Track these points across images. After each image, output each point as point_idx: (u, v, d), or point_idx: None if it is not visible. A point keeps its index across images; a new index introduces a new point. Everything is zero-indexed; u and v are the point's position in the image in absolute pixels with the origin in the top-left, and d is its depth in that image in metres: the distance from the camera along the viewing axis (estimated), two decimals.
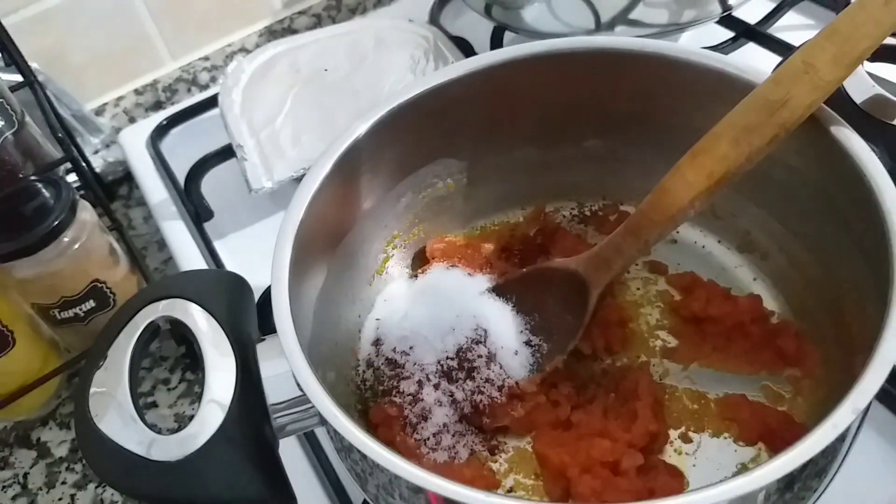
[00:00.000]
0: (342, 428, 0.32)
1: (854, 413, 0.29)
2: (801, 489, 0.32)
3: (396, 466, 0.30)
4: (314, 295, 0.42)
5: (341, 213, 0.44)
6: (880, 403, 0.44)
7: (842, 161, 0.37)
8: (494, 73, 0.45)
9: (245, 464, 0.34)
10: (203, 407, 0.35)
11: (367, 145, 0.43)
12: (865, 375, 0.30)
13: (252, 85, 0.66)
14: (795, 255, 0.45)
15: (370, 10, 0.86)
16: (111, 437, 0.34)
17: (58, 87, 0.70)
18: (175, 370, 0.59)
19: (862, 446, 0.35)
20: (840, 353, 0.40)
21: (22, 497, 0.54)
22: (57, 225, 0.50)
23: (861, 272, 0.37)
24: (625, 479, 0.39)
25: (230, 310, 0.38)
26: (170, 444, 0.34)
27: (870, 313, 0.34)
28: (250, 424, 0.35)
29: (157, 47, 0.79)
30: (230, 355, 0.36)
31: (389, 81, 0.65)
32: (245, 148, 0.61)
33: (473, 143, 0.48)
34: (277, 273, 0.37)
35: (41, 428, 0.58)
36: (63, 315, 0.54)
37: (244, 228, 0.63)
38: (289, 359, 0.34)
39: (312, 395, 0.33)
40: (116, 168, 0.74)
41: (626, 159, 0.49)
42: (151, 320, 0.38)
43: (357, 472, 0.36)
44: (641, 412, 0.41)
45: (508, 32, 0.69)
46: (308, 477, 0.47)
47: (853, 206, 0.37)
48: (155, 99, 0.80)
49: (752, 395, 0.43)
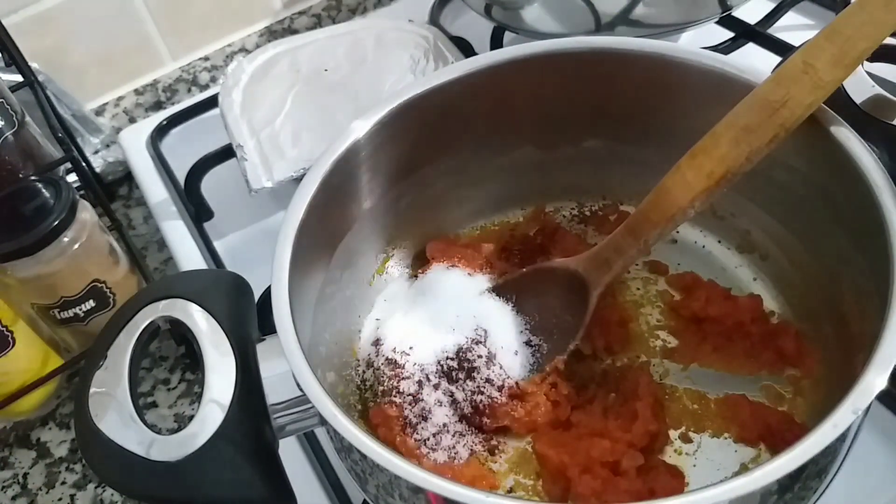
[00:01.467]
0: (342, 428, 0.32)
1: (854, 413, 0.29)
2: (801, 489, 0.32)
3: (396, 466, 0.30)
4: (314, 295, 0.42)
5: (341, 213, 0.44)
6: (881, 403, 0.44)
7: (841, 161, 0.37)
8: (494, 74, 0.45)
9: (245, 464, 0.34)
10: (203, 407, 0.35)
11: (367, 145, 0.43)
12: (866, 375, 0.30)
13: (252, 85, 0.66)
14: (795, 255, 0.45)
15: (370, 11, 0.86)
16: (111, 438, 0.34)
17: (58, 87, 0.70)
18: (175, 370, 0.59)
19: (862, 446, 0.35)
20: (840, 353, 0.40)
21: (22, 497, 0.54)
22: (57, 225, 0.50)
23: (861, 272, 0.37)
24: (625, 479, 0.39)
25: (230, 310, 0.38)
26: (170, 444, 0.34)
27: (870, 313, 0.34)
28: (250, 425, 0.35)
29: (157, 47, 0.79)
30: (230, 355, 0.36)
31: (389, 81, 0.65)
32: (245, 148, 0.61)
33: (473, 143, 0.48)
34: (278, 273, 0.37)
35: (41, 428, 0.58)
36: (63, 315, 0.54)
37: (244, 228, 0.63)
38: (288, 359, 0.34)
39: (312, 396, 0.33)
40: (116, 168, 0.74)
41: (626, 159, 0.49)
42: (151, 320, 0.38)
43: (357, 472, 0.36)
44: (641, 412, 0.41)
45: (508, 33, 0.69)
46: (308, 477, 0.47)
47: (853, 205, 0.37)
48: (155, 99, 0.80)
49: (752, 396, 0.43)
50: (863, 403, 0.30)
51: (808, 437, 0.29)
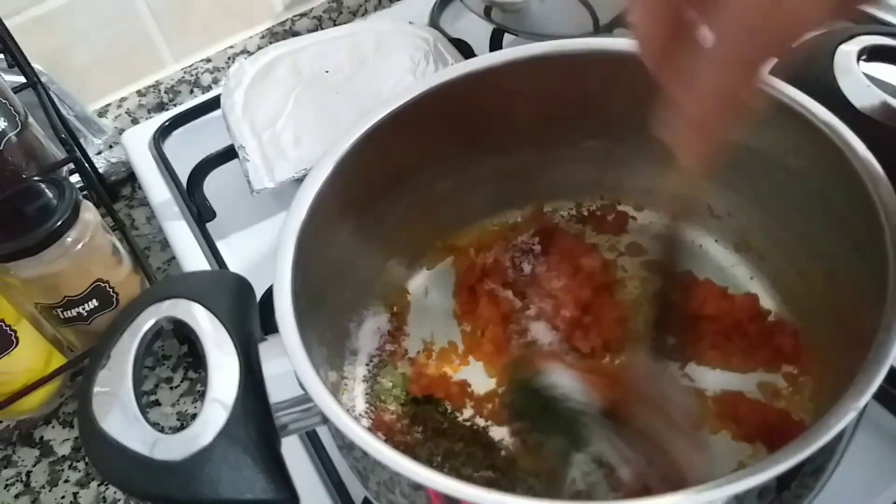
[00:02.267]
0: (344, 426, 0.32)
1: (852, 411, 0.29)
2: (798, 487, 0.32)
3: (397, 464, 0.31)
4: (316, 295, 0.42)
5: (342, 213, 0.45)
6: (878, 402, 0.44)
7: (839, 162, 0.37)
8: (494, 75, 0.45)
9: (249, 463, 0.34)
10: (206, 406, 0.35)
11: (368, 146, 0.43)
12: (863, 374, 0.30)
13: (254, 86, 0.66)
14: (793, 255, 0.45)
15: (371, 13, 0.86)
16: (114, 437, 0.34)
17: (61, 89, 0.70)
18: (178, 369, 0.59)
19: (860, 444, 0.35)
20: (838, 351, 0.40)
21: (25, 495, 0.55)
22: (60, 225, 0.50)
23: (858, 271, 0.37)
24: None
25: (233, 310, 0.38)
26: (173, 443, 0.34)
27: (867, 312, 0.34)
28: (254, 424, 0.35)
29: (159, 49, 0.79)
30: (233, 355, 0.36)
31: (390, 83, 0.65)
32: (247, 149, 0.61)
33: (472, 144, 0.49)
34: (280, 273, 0.37)
35: (44, 426, 0.58)
36: (66, 315, 0.54)
37: (246, 229, 0.63)
38: (291, 358, 0.34)
39: (315, 394, 0.33)
40: (119, 169, 0.74)
41: (624, 160, 0.49)
42: (155, 321, 0.38)
43: (358, 469, 0.36)
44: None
45: (508, 34, 0.69)
46: (310, 475, 0.47)
47: (850, 206, 0.37)
48: (157, 100, 0.80)
49: (749, 394, 0.43)
50: (860, 402, 0.30)
51: (806, 435, 0.29)
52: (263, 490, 0.34)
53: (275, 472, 0.35)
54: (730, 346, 0.44)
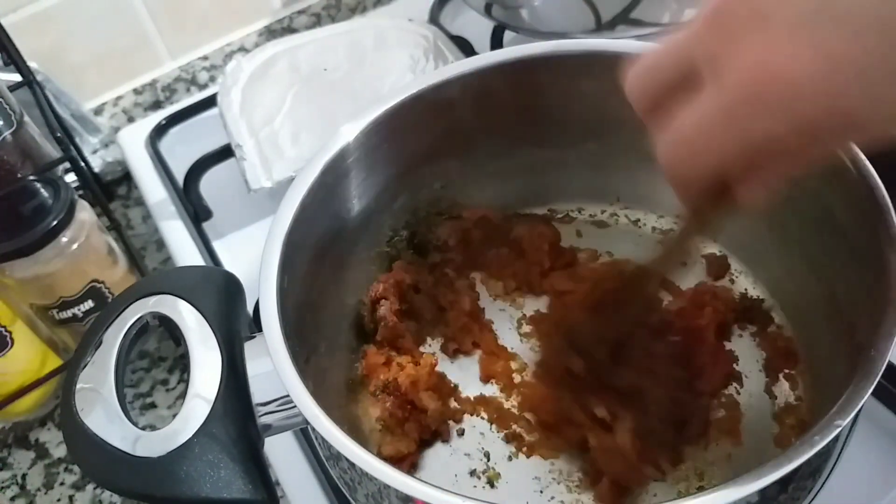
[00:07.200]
0: (322, 428, 0.32)
1: (848, 413, 0.30)
2: (795, 489, 0.32)
3: (385, 475, 0.30)
4: (305, 294, 0.42)
5: (335, 212, 0.44)
6: (877, 401, 0.44)
7: (838, 166, 0.37)
8: (494, 73, 0.45)
9: (227, 461, 0.34)
10: (187, 403, 0.35)
11: (363, 145, 0.43)
12: (859, 376, 0.30)
13: (251, 84, 0.66)
14: (792, 260, 0.45)
15: (370, 10, 0.86)
16: (96, 433, 0.34)
17: (56, 87, 0.69)
18: (174, 370, 0.59)
19: (858, 444, 0.35)
20: (835, 352, 0.40)
21: (20, 498, 0.54)
22: (55, 225, 0.50)
23: (857, 276, 0.37)
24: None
25: (219, 307, 0.38)
26: (154, 440, 0.34)
27: (865, 315, 0.34)
28: (234, 422, 0.35)
29: (156, 47, 0.79)
30: (216, 351, 0.36)
31: (389, 81, 0.65)
32: (244, 147, 0.61)
33: (471, 143, 0.48)
34: (266, 273, 0.37)
35: (39, 429, 0.57)
36: (61, 315, 0.54)
37: (243, 228, 0.62)
38: (273, 359, 0.34)
39: (295, 396, 0.33)
40: (115, 168, 0.73)
41: (625, 161, 0.49)
42: (139, 316, 0.37)
43: (346, 480, 0.36)
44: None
45: (508, 32, 0.69)
46: (306, 475, 0.47)
47: (849, 211, 0.37)
48: (154, 98, 0.79)
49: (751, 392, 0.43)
50: (856, 403, 0.30)
51: (803, 437, 0.29)
52: (240, 490, 0.34)
53: (253, 471, 0.34)
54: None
